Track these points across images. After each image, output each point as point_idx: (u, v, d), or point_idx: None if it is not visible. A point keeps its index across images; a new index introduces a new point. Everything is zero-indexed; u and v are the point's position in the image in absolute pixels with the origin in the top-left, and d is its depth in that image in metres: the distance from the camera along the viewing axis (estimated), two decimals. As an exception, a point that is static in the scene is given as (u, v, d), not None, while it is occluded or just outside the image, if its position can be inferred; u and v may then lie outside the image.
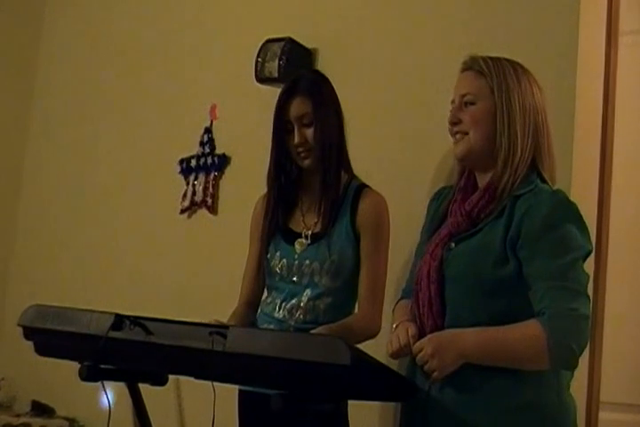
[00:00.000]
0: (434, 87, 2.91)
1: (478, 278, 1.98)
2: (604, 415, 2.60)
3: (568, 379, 2.03)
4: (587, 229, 1.98)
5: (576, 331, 1.88)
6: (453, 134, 2.11)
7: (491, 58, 2.12)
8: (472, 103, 2.07)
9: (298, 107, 2.58)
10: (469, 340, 1.93)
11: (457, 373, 1.94)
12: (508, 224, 1.99)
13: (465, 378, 1.95)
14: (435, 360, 1.92)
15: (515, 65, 2.11)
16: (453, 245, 2.06)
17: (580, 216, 1.98)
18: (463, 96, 2.09)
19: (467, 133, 2.07)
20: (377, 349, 2.14)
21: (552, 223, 1.94)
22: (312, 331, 2.41)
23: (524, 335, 1.89)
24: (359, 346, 2.03)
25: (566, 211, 1.97)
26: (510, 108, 2.03)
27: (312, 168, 2.61)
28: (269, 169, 2.65)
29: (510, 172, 2.02)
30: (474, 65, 2.11)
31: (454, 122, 2.10)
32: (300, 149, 2.59)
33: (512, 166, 2.02)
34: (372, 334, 2.52)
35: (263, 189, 2.71)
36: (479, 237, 2.02)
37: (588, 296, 1.93)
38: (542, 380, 1.95)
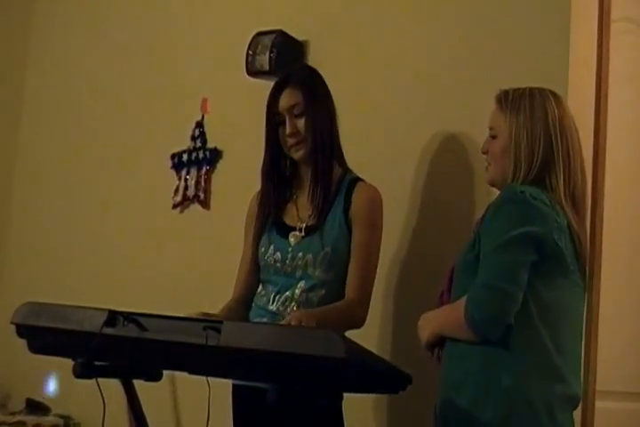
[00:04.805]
0: (425, 79, 2.90)
1: (459, 264, 2.22)
2: (600, 404, 2.59)
3: (542, 369, 2.09)
4: (530, 212, 2.11)
5: (483, 300, 2.07)
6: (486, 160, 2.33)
7: (515, 91, 2.25)
8: (494, 136, 2.26)
9: (288, 98, 2.57)
10: (433, 317, 2.25)
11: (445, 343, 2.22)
12: None
13: (447, 347, 2.22)
14: (419, 334, 2.26)
15: (533, 93, 2.22)
16: None
17: (523, 202, 2.11)
18: (489, 129, 2.28)
19: (490, 164, 2.29)
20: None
21: (495, 212, 2.15)
22: (289, 312, 2.43)
23: (461, 309, 2.11)
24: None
25: (507, 199, 2.15)
26: (519, 144, 2.20)
27: (305, 160, 2.59)
28: (263, 164, 2.64)
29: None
30: (499, 99, 2.27)
31: (483, 151, 2.31)
32: (292, 141, 2.58)
33: None
34: (354, 324, 2.50)
35: (256, 183, 2.70)
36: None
37: (509, 271, 2.07)
38: (474, 355, 2.12)
